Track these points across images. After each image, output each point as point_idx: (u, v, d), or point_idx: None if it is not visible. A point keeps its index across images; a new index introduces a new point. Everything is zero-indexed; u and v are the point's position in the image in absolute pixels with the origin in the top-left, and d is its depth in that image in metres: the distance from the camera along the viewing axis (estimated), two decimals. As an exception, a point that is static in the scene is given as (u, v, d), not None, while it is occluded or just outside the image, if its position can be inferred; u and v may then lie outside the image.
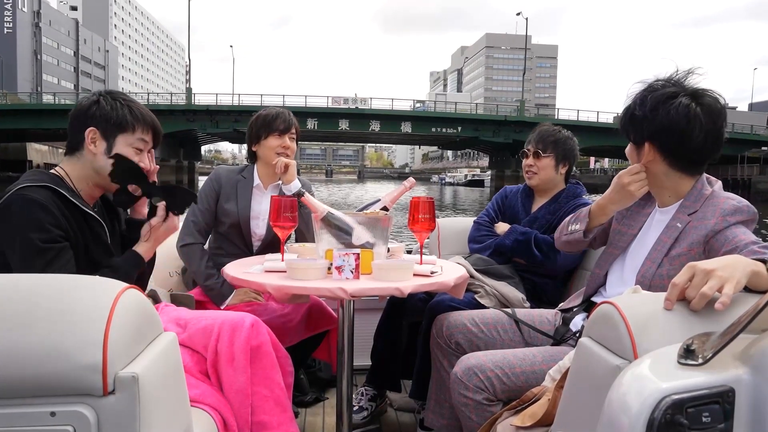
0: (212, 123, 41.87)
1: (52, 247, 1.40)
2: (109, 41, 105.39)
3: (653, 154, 1.50)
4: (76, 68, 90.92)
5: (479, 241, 2.38)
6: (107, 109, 1.54)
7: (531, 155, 2.31)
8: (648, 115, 1.46)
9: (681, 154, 1.48)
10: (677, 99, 1.44)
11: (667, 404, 0.72)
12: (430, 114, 47.94)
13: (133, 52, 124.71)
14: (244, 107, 42.50)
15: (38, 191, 1.39)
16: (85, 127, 1.53)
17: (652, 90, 1.49)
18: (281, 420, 1.57)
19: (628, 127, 1.54)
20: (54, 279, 0.92)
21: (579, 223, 1.75)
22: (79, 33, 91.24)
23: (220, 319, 1.59)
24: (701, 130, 1.43)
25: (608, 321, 0.92)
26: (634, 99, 1.52)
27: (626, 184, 1.54)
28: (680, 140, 1.45)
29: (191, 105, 43.01)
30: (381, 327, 2.37)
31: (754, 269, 0.98)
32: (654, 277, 1.48)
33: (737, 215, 1.42)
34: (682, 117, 1.42)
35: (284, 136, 2.29)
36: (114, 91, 1.62)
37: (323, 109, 44.91)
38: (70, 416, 0.81)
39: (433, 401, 1.92)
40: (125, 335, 0.85)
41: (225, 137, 53.39)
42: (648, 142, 1.49)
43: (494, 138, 43.15)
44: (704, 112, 1.43)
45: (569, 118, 44.77)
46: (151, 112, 1.64)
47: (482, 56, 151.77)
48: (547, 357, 1.61)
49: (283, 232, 1.75)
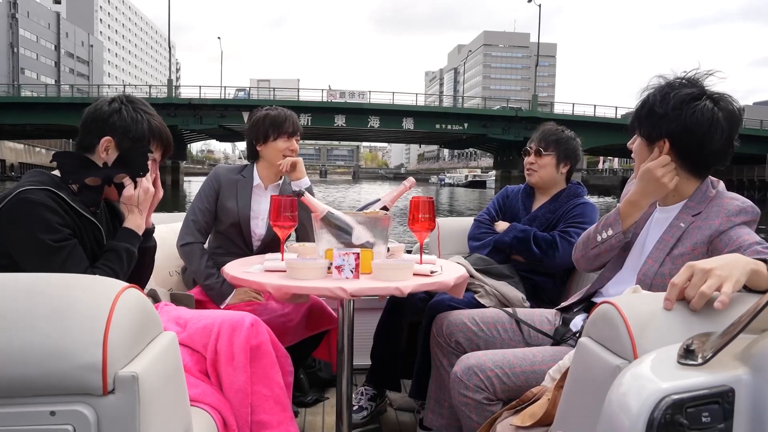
0: (195, 119, 38.28)
1: (64, 245, 1.40)
2: (94, 36, 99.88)
3: (667, 153, 1.48)
4: (57, 63, 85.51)
5: (479, 238, 2.38)
6: (128, 120, 1.53)
7: (533, 153, 2.32)
8: (670, 113, 1.44)
9: (696, 157, 1.47)
10: (701, 102, 1.42)
11: (666, 404, 0.72)
12: (434, 109, 44.57)
13: (120, 48, 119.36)
14: (230, 101, 39.69)
15: (38, 193, 1.39)
16: (102, 134, 1.52)
17: (673, 88, 1.46)
18: (281, 419, 1.57)
19: (643, 122, 1.51)
20: (54, 278, 0.92)
21: (611, 228, 1.63)
22: (61, 26, 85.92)
23: (220, 319, 1.59)
24: (721, 136, 1.42)
25: (608, 321, 0.92)
26: (653, 94, 1.49)
27: (660, 176, 1.49)
28: (700, 143, 1.44)
29: (172, 98, 39.03)
30: (381, 326, 2.37)
31: (753, 268, 0.98)
32: (656, 276, 1.48)
33: (742, 216, 1.42)
34: (706, 120, 1.41)
35: (292, 139, 2.31)
36: (135, 100, 1.59)
37: (317, 104, 40.90)
38: (70, 416, 0.81)
39: (433, 401, 1.93)
40: (125, 335, 0.85)
41: (210, 134, 48.97)
42: (666, 140, 1.47)
43: (504, 135, 39.91)
44: (725, 118, 1.42)
45: (585, 114, 41.84)
46: (166, 127, 1.63)
47: (480, 54, 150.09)
48: (547, 357, 1.61)
49: (282, 232, 1.75)
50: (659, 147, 1.49)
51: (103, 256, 1.51)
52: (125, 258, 1.54)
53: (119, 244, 1.54)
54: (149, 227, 1.68)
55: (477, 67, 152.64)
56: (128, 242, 1.56)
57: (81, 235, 1.47)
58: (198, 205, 2.29)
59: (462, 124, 40.75)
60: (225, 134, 47.61)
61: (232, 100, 39.70)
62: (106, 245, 1.54)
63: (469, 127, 40.82)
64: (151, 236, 1.69)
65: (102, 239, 1.54)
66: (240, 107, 38.37)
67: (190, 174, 72.72)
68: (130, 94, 1.61)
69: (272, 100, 38.24)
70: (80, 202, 1.49)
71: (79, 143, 1.57)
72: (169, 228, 2.46)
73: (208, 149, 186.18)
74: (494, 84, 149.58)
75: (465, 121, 40.86)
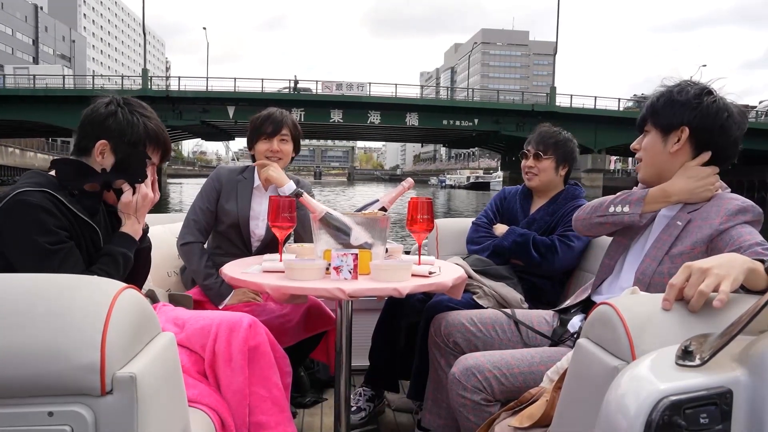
0: (175, 113, 33.57)
1: (60, 248, 1.39)
2: (77, 32, 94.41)
3: (684, 142, 1.51)
4: (35, 58, 79.64)
5: (478, 242, 2.39)
6: (123, 124, 1.51)
7: (531, 157, 2.32)
8: (692, 101, 1.49)
9: (712, 147, 1.51)
10: (715, 95, 1.50)
11: (664, 405, 0.72)
12: (442, 103, 39.28)
13: (105, 45, 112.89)
14: (213, 93, 34.87)
15: (36, 194, 1.38)
16: (98, 137, 1.50)
17: (689, 84, 1.53)
18: (279, 420, 1.57)
19: (660, 112, 1.54)
20: (52, 279, 0.92)
21: (629, 206, 1.60)
22: (39, 20, 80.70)
23: (218, 319, 1.59)
24: (737, 129, 1.49)
25: (606, 322, 0.92)
26: (668, 89, 1.54)
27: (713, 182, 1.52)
28: (720, 131, 1.49)
29: (147, 90, 33.83)
30: (379, 327, 2.36)
31: (750, 267, 0.98)
32: (654, 275, 1.48)
33: (742, 215, 1.42)
34: (723, 111, 1.47)
35: (272, 140, 2.25)
36: (132, 102, 1.57)
37: (311, 96, 36.72)
38: (68, 416, 0.80)
39: (431, 401, 1.93)
40: (123, 335, 0.85)
41: (192, 132, 43.10)
42: (687, 128, 1.50)
43: (518, 132, 35.33)
44: (738, 113, 1.49)
45: (608, 108, 37.79)
46: (164, 129, 1.61)
47: (478, 53, 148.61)
48: (545, 358, 1.61)
49: (281, 233, 1.75)
50: (677, 135, 1.52)
51: (100, 260, 1.50)
52: (122, 263, 1.53)
53: (116, 249, 1.53)
54: (144, 228, 1.66)
55: (475, 65, 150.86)
56: (125, 247, 1.55)
57: (78, 237, 1.46)
58: (199, 205, 2.28)
59: (472, 119, 36.59)
60: (210, 132, 43.78)
61: (215, 93, 35.01)
62: (102, 249, 1.53)
63: (480, 123, 36.64)
64: (145, 237, 1.68)
65: (99, 242, 1.53)
66: (225, 101, 34.82)
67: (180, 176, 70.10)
68: (131, 99, 1.58)
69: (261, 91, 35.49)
70: (78, 204, 1.49)
71: (76, 145, 1.56)
72: (167, 228, 2.46)
73: (200, 150, 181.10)
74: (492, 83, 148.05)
75: (475, 116, 36.48)
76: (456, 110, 36.73)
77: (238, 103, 34.55)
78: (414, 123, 36.59)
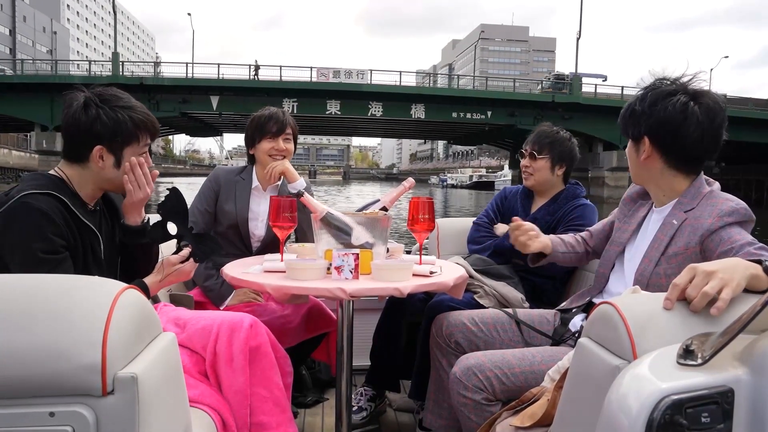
0: (151, 104, 28.16)
1: (53, 258, 1.38)
2: (59, 23, 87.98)
3: (650, 150, 1.52)
4: (12, 50, 72.86)
5: (478, 242, 2.39)
6: (110, 125, 1.48)
7: (527, 156, 2.32)
8: (647, 110, 1.49)
9: (676, 150, 1.50)
10: (676, 96, 1.47)
11: (666, 404, 0.72)
12: (452, 92, 33.24)
13: (91, 38, 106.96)
14: (194, 81, 30.26)
15: (41, 198, 1.38)
16: (92, 145, 1.48)
17: (653, 88, 1.52)
18: (280, 420, 1.57)
19: (628, 123, 1.56)
20: (53, 279, 0.92)
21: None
22: (17, 9, 74.07)
23: (219, 320, 1.59)
24: (697, 127, 1.45)
25: (608, 321, 0.92)
26: (636, 96, 1.55)
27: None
28: (675, 136, 1.47)
29: (118, 77, 29.08)
30: (380, 327, 2.37)
31: (753, 272, 0.99)
32: (652, 276, 1.49)
33: (733, 216, 1.43)
34: (678, 113, 1.45)
35: (277, 139, 2.27)
36: (108, 97, 1.51)
37: (305, 85, 31.42)
38: (69, 416, 0.80)
39: (432, 401, 1.92)
40: (124, 335, 0.85)
41: (173, 125, 36.92)
42: (646, 137, 1.52)
43: (535, 126, 28.60)
44: (702, 110, 1.45)
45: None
46: (149, 112, 1.59)
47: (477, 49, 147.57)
48: (547, 357, 1.61)
49: (282, 233, 1.75)
50: (643, 144, 1.53)
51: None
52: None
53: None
54: (144, 222, 1.65)
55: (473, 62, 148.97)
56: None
57: (76, 242, 1.45)
58: (197, 207, 2.28)
59: (485, 111, 31.42)
60: (194, 126, 38.72)
61: (196, 80, 30.50)
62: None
63: (494, 115, 31.48)
64: (144, 232, 1.64)
65: (99, 247, 1.52)
66: (208, 89, 30.04)
67: (171, 174, 66.57)
68: (102, 92, 1.51)
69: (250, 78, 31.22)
70: (81, 208, 1.48)
71: (67, 155, 1.52)
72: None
73: (193, 149, 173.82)
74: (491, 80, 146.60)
75: (489, 108, 31.40)
76: (467, 101, 31.86)
77: (223, 92, 30.12)
78: (420, 116, 31.52)
